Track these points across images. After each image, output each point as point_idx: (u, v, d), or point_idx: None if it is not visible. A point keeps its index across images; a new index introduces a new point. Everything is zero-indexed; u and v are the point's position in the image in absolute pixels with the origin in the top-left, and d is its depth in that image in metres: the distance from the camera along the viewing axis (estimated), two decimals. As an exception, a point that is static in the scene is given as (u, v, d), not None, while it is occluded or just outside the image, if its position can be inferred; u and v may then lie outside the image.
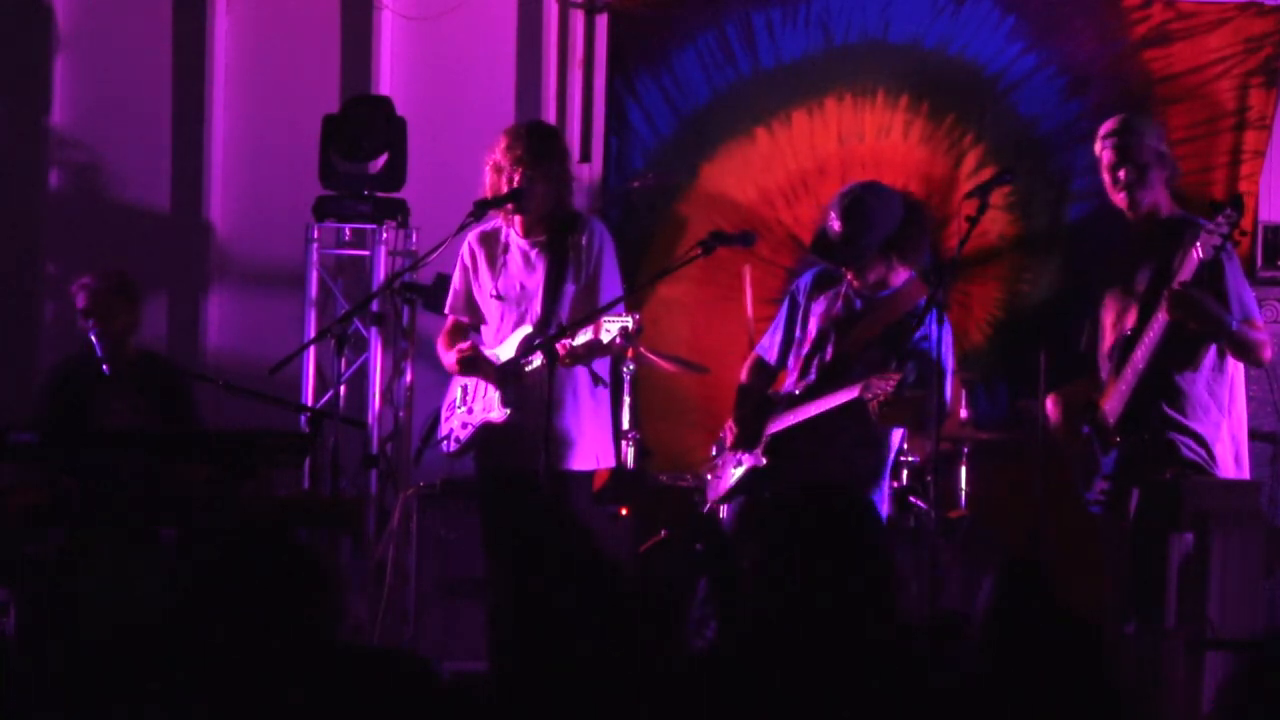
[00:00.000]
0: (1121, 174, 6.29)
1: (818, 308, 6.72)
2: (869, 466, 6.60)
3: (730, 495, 6.78)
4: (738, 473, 6.77)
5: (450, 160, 8.49)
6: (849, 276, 6.68)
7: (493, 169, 6.70)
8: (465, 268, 6.88)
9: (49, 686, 3.44)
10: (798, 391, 6.67)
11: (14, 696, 3.47)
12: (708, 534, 7.15)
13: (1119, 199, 6.35)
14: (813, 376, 6.67)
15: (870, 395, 6.30)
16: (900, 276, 6.67)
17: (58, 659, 3.49)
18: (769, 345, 6.89)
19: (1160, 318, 6.08)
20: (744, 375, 6.93)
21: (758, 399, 6.84)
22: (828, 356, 6.66)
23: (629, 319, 6.32)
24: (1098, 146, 6.40)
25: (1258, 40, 8.45)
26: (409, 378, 8.53)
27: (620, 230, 8.54)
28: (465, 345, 6.72)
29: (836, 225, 6.58)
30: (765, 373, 6.91)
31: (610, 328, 6.31)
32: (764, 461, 6.68)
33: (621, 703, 3.49)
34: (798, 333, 6.77)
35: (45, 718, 3.43)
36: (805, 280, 6.84)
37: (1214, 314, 6.05)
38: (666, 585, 7.15)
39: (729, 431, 6.81)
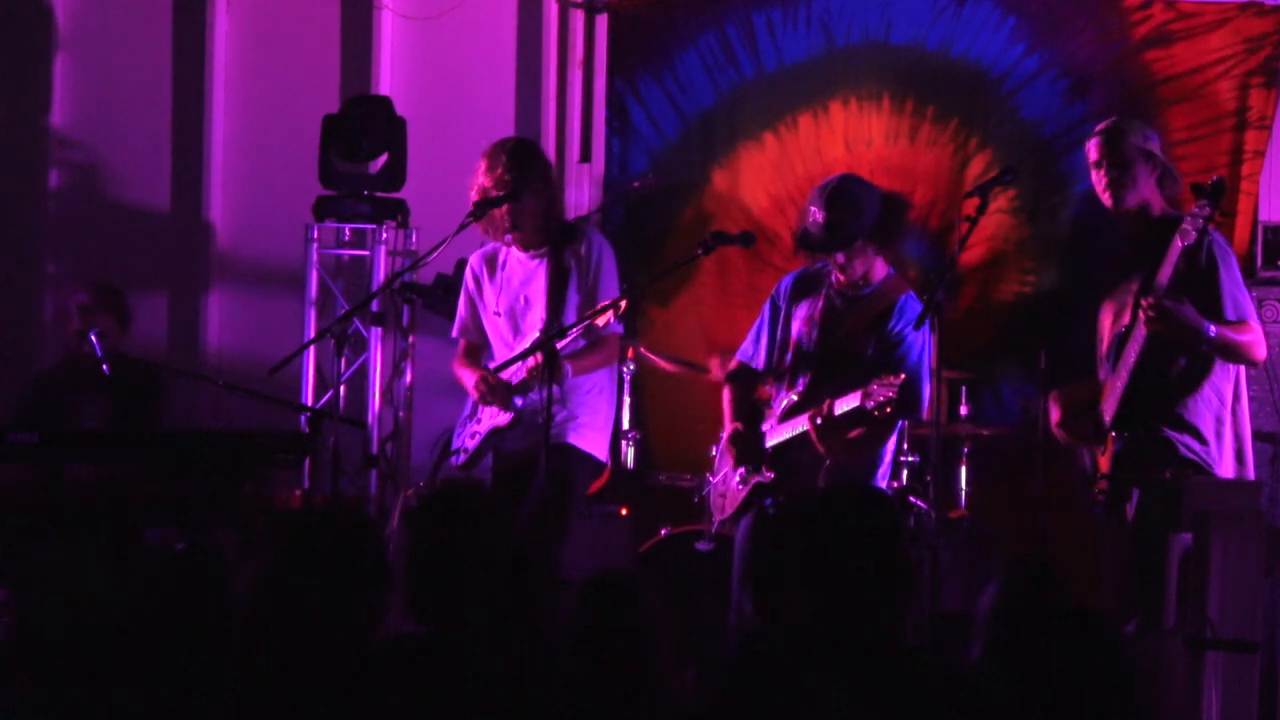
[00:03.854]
0: (1106, 168, 6.31)
1: (800, 311, 6.68)
2: (864, 467, 6.57)
3: (740, 513, 6.72)
4: (744, 489, 6.71)
5: (450, 160, 8.49)
6: (832, 276, 6.64)
7: (478, 191, 6.74)
8: (469, 293, 6.95)
9: (44, 684, 3.46)
10: (795, 397, 6.62)
11: (9, 693, 3.49)
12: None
13: (1105, 198, 6.36)
14: (800, 384, 6.63)
15: (873, 403, 6.26)
16: (880, 272, 6.64)
17: (54, 657, 3.51)
18: (752, 352, 6.83)
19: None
20: (728, 383, 6.88)
21: (747, 411, 6.78)
22: (810, 368, 6.62)
23: (618, 302, 6.37)
24: (1090, 144, 6.43)
25: (1258, 40, 8.44)
26: (409, 378, 8.53)
27: (625, 230, 8.55)
28: (480, 378, 6.75)
29: (820, 216, 6.53)
30: (749, 378, 6.87)
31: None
32: (770, 476, 6.63)
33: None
34: (779, 336, 6.74)
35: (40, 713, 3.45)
36: (786, 283, 6.81)
37: (1191, 325, 6.03)
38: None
39: (725, 456, 6.77)
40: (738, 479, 6.72)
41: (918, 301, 6.58)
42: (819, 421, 6.38)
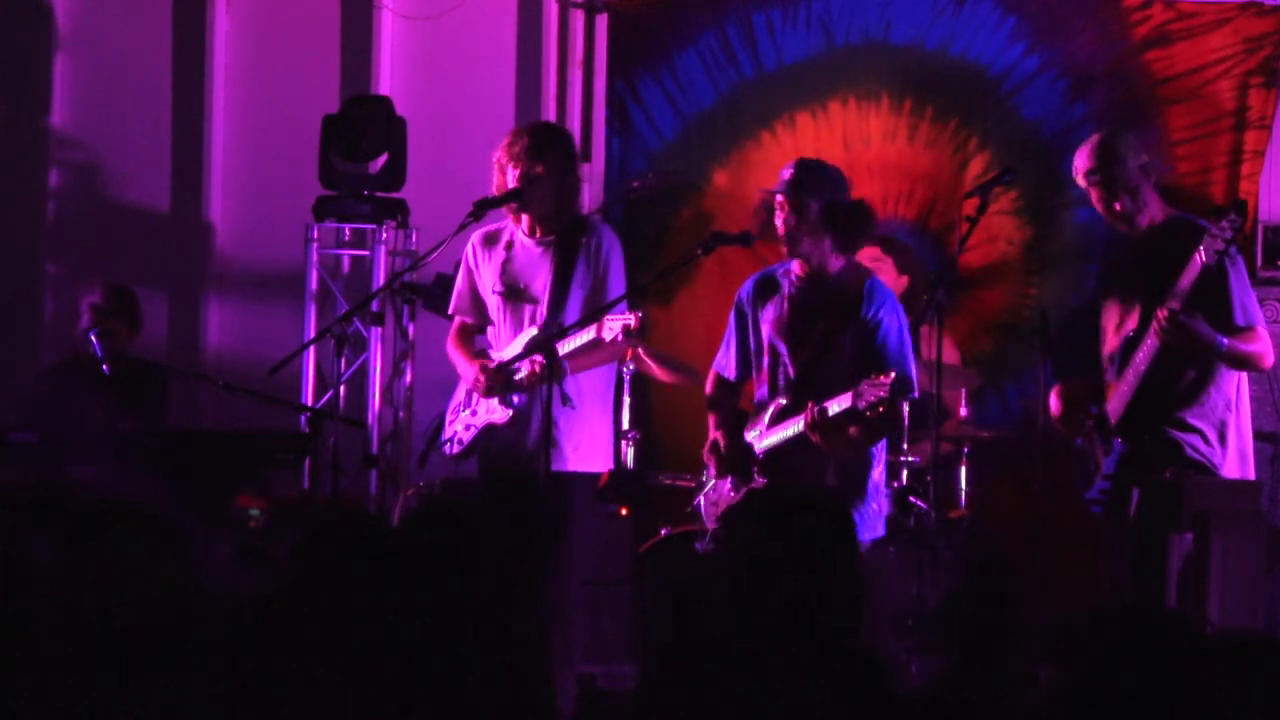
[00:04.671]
0: (1118, 206, 6.28)
1: (767, 314, 6.61)
2: (857, 468, 6.54)
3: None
4: (737, 497, 6.67)
5: (450, 160, 8.50)
6: (790, 272, 6.58)
7: (497, 167, 6.71)
8: (469, 268, 6.88)
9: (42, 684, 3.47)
10: (783, 400, 6.54)
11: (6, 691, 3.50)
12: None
13: (1120, 228, 6.35)
14: (781, 393, 6.56)
15: (865, 404, 6.22)
16: (836, 263, 6.56)
17: (52, 655, 3.52)
18: (725, 362, 6.76)
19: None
20: (710, 400, 6.83)
21: (732, 422, 6.73)
22: (791, 370, 6.56)
23: (630, 317, 6.32)
24: (1082, 183, 6.38)
25: (1258, 40, 8.44)
26: (409, 378, 8.53)
27: (626, 230, 8.54)
28: (479, 373, 6.70)
29: (787, 174, 6.49)
30: (728, 388, 6.81)
31: (612, 326, 6.32)
32: (763, 483, 6.59)
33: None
34: (751, 342, 6.67)
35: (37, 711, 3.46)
36: (746, 288, 6.70)
37: (1204, 339, 6.03)
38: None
39: (711, 463, 6.73)
40: (729, 486, 6.68)
41: (884, 285, 6.57)
42: (815, 419, 6.34)
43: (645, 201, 8.68)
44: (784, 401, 6.52)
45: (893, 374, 6.16)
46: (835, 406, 6.28)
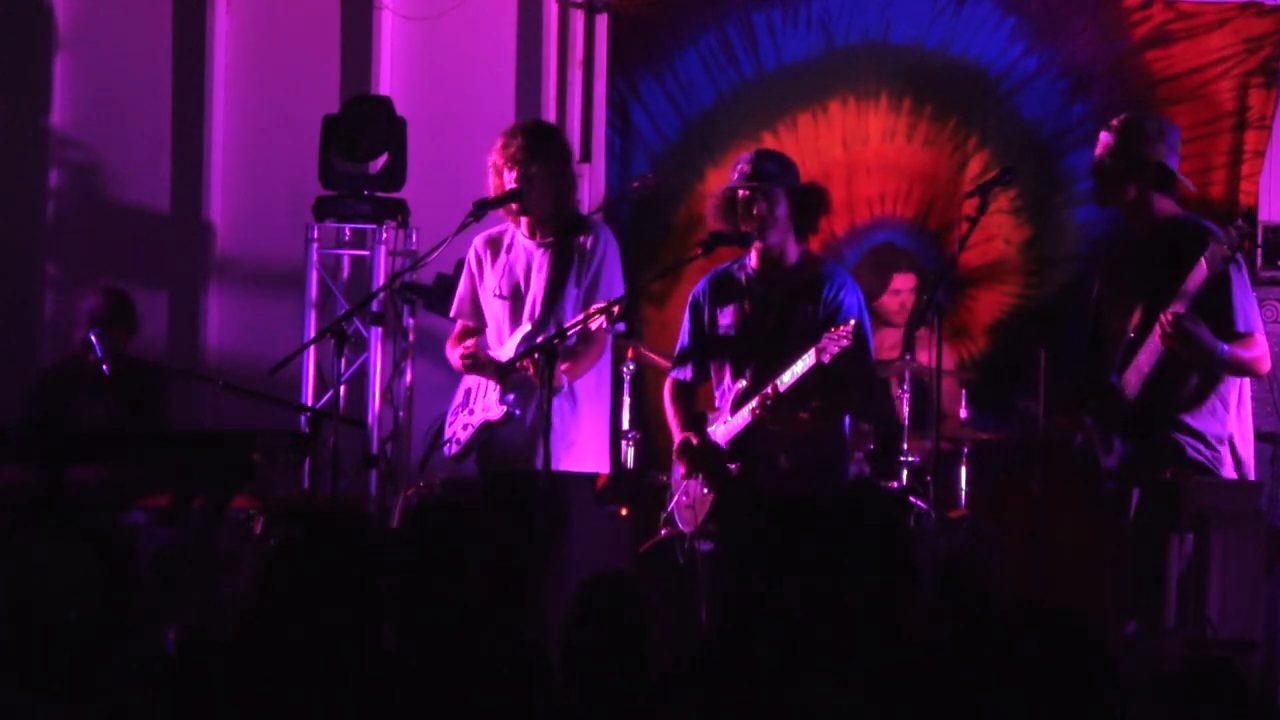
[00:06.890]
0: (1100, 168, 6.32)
1: (726, 309, 6.62)
2: (828, 450, 6.54)
3: (713, 516, 6.67)
4: (712, 494, 6.65)
5: (450, 160, 8.50)
6: (747, 264, 6.60)
7: (493, 169, 6.70)
8: (471, 271, 6.88)
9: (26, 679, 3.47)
10: (744, 383, 6.53)
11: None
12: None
13: (1098, 193, 6.39)
14: (747, 373, 6.55)
15: (828, 356, 6.23)
16: (795, 251, 6.60)
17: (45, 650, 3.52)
18: (682, 365, 6.75)
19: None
20: (671, 396, 6.83)
21: (694, 420, 6.72)
22: (756, 356, 6.56)
23: (613, 305, 6.33)
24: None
25: (1258, 40, 8.45)
26: (409, 378, 8.53)
27: (629, 231, 8.55)
28: (469, 344, 6.72)
29: (747, 168, 6.54)
30: (686, 390, 6.81)
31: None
32: (734, 468, 6.58)
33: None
34: (709, 341, 6.67)
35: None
36: (702, 287, 6.72)
37: (1206, 345, 6.03)
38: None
39: (682, 463, 6.73)
40: (702, 486, 6.65)
41: (843, 270, 6.59)
42: (768, 403, 6.35)
43: (646, 201, 8.69)
44: (744, 385, 6.52)
45: (853, 322, 6.20)
46: (792, 371, 6.28)
